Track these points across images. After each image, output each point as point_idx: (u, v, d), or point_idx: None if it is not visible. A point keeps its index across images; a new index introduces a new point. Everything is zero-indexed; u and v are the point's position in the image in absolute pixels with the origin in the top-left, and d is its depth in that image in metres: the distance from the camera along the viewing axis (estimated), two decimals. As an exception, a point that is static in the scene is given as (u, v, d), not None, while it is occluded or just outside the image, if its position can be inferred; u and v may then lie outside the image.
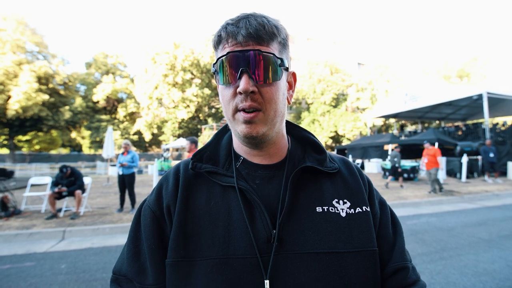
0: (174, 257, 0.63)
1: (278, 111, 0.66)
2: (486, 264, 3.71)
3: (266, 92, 0.63)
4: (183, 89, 34.65)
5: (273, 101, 0.63)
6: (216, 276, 0.60)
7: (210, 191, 0.70)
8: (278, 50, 0.65)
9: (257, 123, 0.64)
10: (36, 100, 27.92)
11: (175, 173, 0.75)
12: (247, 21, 0.61)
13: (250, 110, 0.63)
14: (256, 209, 0.65)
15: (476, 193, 9.15)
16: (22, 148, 37.62)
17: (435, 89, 19.09)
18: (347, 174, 0.76)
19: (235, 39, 0.61)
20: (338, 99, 34.98)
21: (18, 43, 28.26)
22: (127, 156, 7.08)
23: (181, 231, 0.65)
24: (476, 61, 39.44)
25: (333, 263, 0.61)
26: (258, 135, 0.65)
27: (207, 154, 0.76)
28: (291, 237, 0.63)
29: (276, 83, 0.64)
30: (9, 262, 4.07)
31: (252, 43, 0.61)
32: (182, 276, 0.62)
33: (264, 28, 0.61)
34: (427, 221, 6.12)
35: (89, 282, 3.37)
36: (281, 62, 0.63)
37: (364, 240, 0.65)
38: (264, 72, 0.61)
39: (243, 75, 0.60)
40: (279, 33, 0.64)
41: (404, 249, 0.71)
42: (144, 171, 22.50)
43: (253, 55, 0.60)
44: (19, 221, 6.08)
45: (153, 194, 0.74)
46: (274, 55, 0.62)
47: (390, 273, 0.66)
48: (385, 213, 0.75)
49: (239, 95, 0.63)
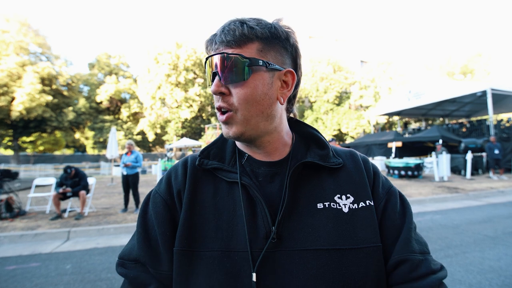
0: (180, 246, 0.65)
1: (255, 111, 0.66)
2: (492, 261, 3.68)
3: (236, 92, 0.64)
4: (186, 89, 34.74)
5: (245, 101, 0.64)
6: (218, 268, 0.61)
7: (216, 187, 0.71)
8: (257, 49, 0.65)
9: (232, 123, 0.67)
10: (39, 101, 28.07)
11: (184, 164, 0.77)
12: (223, 28, 0.65)
13: (223, 111, 0.67)
14: (258, 205, 0.66)
15: (481, 190, 9.09)
16: (26, 149, 37.84)
17: (438, 86, 18.96)
18: (352, 168, 0.74)
19: (211, 46, 0.67)
20: (341, 97, 34.92)
21: (21, 45, 28.40)
22: (130, 156, 7.10)
23: (187, 220, 0.67)
24: (480, 57, 39.11)
25: (333, 260, 0.60)
26: (236, 136, 0.67)
27: (214, 151, 0.77)
28: (291, 234, 0.63)
29: (247, 83, 0.64)
30: (14, 263, 4.10)
31: (223, 47, 0.65)
32: (185, 264, 0.64)
33: (235, 32, 0.63)
34: (432, 218, 6.09)
35: (94, 282, 3.39)
36: (251, 62, 0.63)
37: (367, 236, 0.64)
38: (229, 73, 0.63)
39: (215, 78, 0.65)
40: (256, 33, 0.64)
41: (411, 239, 0.66)
42: (148, 171, 22.55)
43: (221, 58, 0.63)
44: (24, 222, 6.13)
45: (163, 183, 0.75)
46: (240, 56, 0.62)
47: (392, 267, 0.64)
48: (391, 203, 0.71)
49: (214, 96, 0.68)
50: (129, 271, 0.68)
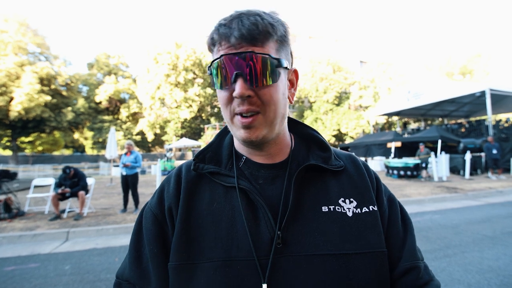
0: (177, 261, 0.62)
1: (278, 113, 0.63)
2: (491, 261, 3.69)
3: (263, 94, 0.60)
4: (185, 89, 34.71)
5: (272, 103, 0.61)
6: (220, 278, 0.58)
7: (213, 192, 0.69)
8: (275, 49, 0.62)
9: (257, 126, 0.62)
10: (38, 101, 28.07)
11: (177, 175, 0.74)
12: (239, 21, 0.58)
13: (248, 114, 0.61)
14: (260, 209, 0.63)
15: (480, 190, 9.10)
16: (25, 150, 37.77)
17: (437, 86, 18.98)
18: (353, 172, 0.73)
19: (228, 41, 0.59)
20: (341, 97, 34.94)
21: (20, 45, 28.39)
22: (130, 157, 7.09)
23: (183, 233, 0.64)
24: (479, 58, 39.25)
25: (340, 265, 0.59)
26: (258, 140, 0.63)
27: (210, 155, 0.75)
28: (296, 239, 0.61)
29: (274, 84, 0.61)
30: (13, 264, 4.09)
31: (245, 44, 0.58)
32: (185, 279, 0.61)
33: (258, 28, 0.58)
34: (431, 218, 6.09)
35: (93, 283, 3.38)
36: (278, 63, 0.60)
37: (372, 241, 0.62)
38: (260, 75, 0.58)
39: (238, 79, 0.58)
40: (275, 31, 0.60)
41: (415, 247, 0.68)
42: (147, 171, 22.51)
43: (248, 57, 0.57)
44: (22, 222, 6.11)
45: (155, 197, 0.72)
46: (270, 56, 0.59)
47: (401, 274, 0.64)
48: (394, 211, 0.71)
49: (235, 99, 0.61)
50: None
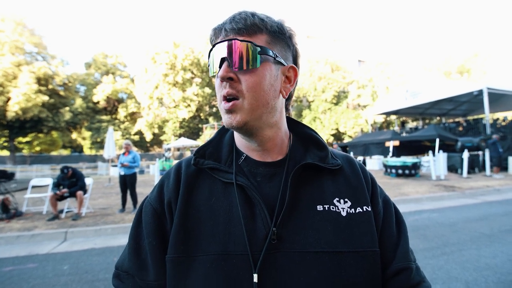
0: (174, 253, 0.63)
1: (261, 101, 0.65)
2: (488, 258, 3.71)
3: (245, 79, 0.63)
4: (183, 89, 34.67)
5: (253, 89, 0.63)
6: (215, 272, 0.60)
7: (211, 188, 0.70)
8: (265, 41, 0.66)
9: (237, 112, 0.65)
10: (35, 101, 27.96)
11: (177, 170, 0.76)
12: (232, 17, 0.65)
13: (229, 98, 0.65)
14: (257, 206, 0.65)
15: (477, 188, 9.14)
16: (22, 150, 37.64)
17: (435, 85, 19.08)
18: (349, 172, 0.74)
19: (221, 34, 0.66)
20: (339, 96, 34.94)
21: (16, 44, 28.26)
22: (128, 156, 7.07)
23: (181, 227, 0.65)
24: (476, 57, 39.35)
25: (333, 263, 0.60)
26: (239, 125, 0.65)
27: (210, 151, 0.76)
28: (291, 235, 0.63)
29: (257, 71, 0.64)
30: (11, 264, 4.07)
31: (233, 35, 0.64)
32: (182, 271, 0.62)
33: (246, 21, 0.63)
34: (429, 216, 6.11)
35: (92, 283, 3.37)
36: (262, 50, 0.64)
37: (365, 241, 0.64)
38: (239, 59, 0.62)
39: (223, 63, 0.63)
40: (265, 25, 0.65)
41: (408, 249, 0.69)
42: (145, 171, 22.45)
43: (233, 44, 0.63)
44: (20, 223, 6.09)
45: (155, 191, 0.74)
46: (252, 43, 0.63)
47: (392, 274, 0.65)
48: (388, 212, 0.73)
49: (222, 84, 0.66)
50: (122, 284, 0.70)
